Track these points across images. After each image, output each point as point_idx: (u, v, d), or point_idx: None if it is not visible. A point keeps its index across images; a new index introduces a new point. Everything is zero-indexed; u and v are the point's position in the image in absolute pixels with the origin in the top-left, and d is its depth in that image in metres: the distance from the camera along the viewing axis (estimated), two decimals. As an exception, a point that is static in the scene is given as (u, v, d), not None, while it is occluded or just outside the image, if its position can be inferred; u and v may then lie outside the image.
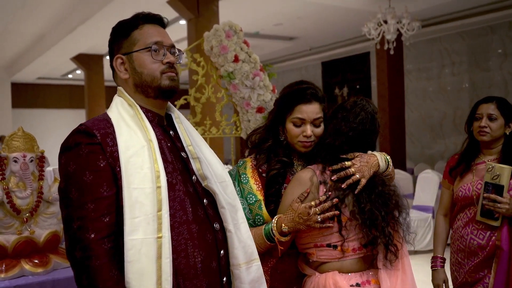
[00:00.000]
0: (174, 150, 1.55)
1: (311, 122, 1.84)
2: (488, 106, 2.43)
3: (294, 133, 1.86)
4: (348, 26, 9.88)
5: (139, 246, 1.32)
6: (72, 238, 1.33)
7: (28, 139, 2.65)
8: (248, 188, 1.88)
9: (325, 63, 13.45)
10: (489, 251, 2.30)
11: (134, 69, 1.50)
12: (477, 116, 2.46)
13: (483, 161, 2.44)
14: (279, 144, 1.92)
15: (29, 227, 2.59)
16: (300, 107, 1.84)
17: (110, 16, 8.03)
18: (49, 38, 10.41)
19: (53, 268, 2.58)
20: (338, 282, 1.72)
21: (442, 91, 10.68)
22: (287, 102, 1.88)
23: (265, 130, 1.96)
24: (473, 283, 2.36)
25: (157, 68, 1.49)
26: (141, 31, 1.52)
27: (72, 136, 1.41)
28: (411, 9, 7.62)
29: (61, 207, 1.38)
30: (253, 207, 1.85)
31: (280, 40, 11.19)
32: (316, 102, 1.86)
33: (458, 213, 2.49)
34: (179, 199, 1.45)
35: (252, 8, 8.41)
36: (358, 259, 1.77)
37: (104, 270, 1.30)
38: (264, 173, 1.89)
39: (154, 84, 1.49)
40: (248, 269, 1.54)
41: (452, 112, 10.38)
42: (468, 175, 2.44)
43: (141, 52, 1.50)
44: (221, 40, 3.39)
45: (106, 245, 1.32)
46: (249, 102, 3.45)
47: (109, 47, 1.58)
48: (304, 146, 1.87)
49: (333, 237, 1.74)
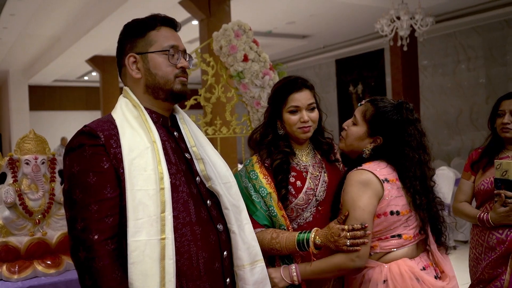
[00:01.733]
0: (178, 151, 1.55)
1: (305, 108, 1.96)
2: (510, 102, 2.42)
3: (292, 121, 1.97)
4: (361, 23, 9.80)
5: (142, 248, 1.33)
6: (76, 239, 1.34)
7: (39, 142, 2.68)
8: (259, 183, 1.96)
9: (339, 61, 13.37)
10: (507, 247, 2.29)
11: (149, 69, 1.51)
12: (499, 112, 2.45)
13: (507, 156, 2.44)
14: (278, 137, 2.03)
15: (41, 228, 2.62)
16: (293, 96, 1.97)
17: (124, 17, 8.07)
18: (64, 40, 10.52)
19: (66, 269, 2.60)
20: (413, 267, 1.79)
21: (458, 87, 10.54)
22: (280, 94, 2.00)
23: (264, 127, 2.06)
24: (490, 280, 2.35)
25: (171, 72, 1.51)
26: (158, 33, 1.53)
27: (76, 138, 1.42)
28: (424, 4, 7.52)
29: (65, 208, 1.40)
30: (266, 200, 1.93)
31: (293, 39, 11.15)
32: (307, 89, 1.99)
33: (479, 208, 2.48)
34: (182, 200, 1.45)
35: (264, 6, 8.39)
36: (415, 245, 1.87)
37: (107, 271, 1.31)
38: (270, 166, 1.99)
39: (166, 87, 1.51)
40: (252, 270, 1.54)
41: (468, 108, 10.25)
42: (491, 169, 2.43)
43: (157, 53, 1.51)
44: (230, 40, 3.39)
45: (110, 246, 1.33)
46: (259, 101, 3.45)
47: (120, 43, 1.56)
48: (303, 131, 1.97)
49: (398, 229, 1.83)
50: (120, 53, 1.56)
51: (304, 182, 1.98)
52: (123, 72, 1.58)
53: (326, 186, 2.01)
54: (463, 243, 6.30)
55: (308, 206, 1.96)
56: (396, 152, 1.86)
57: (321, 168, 2.05)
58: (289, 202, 1.94)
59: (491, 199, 2.39)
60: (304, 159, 2.04)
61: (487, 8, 8.95)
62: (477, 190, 2.49)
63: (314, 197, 1.97)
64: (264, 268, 1.60)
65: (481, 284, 2.39)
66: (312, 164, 2.04)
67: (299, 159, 2.03)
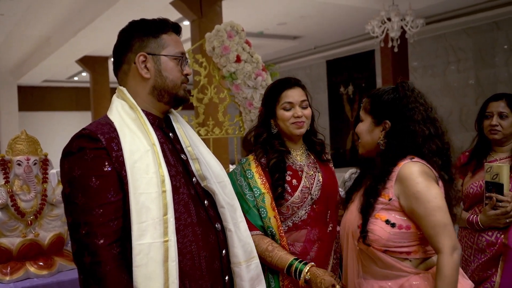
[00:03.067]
0: (174, 152, 1.55)
1: (298, 105, 2.03)
2: (498, 104, 2.41)
3: (285, 117, 2.02)
4: (352, 24, 9.85)
5: (147, 251, 1.33)
6: (79, 244, 1.33)
7: (31, 142, 2.66)
8: (254, 182, 2.00)
9: (329, 62, 13.41)
10: (497, 250, 2.30)
11: (160, 71, 1.52)
12: (487, 114, 2.44)
13: (495, 159, 2.43)
14: (272, 136, 2.08)
15: (33, 229, 2.60)
16: (286, 93, 2.04)
17: (114, 18, 8.05)
18: (54, 40, 10.45)
19: (58, 270, 2.59)
20: (461, 270, 1.69)
21: (448, 88, 10.62)
22: (273, 92, 2.08)
23: (258, 127, 2.11)
24: (480, 282, 2.36)
25: (179, 77, 1.54)
26: (170, 37, 1.55)
27: (75, 141, 1.40)
28: (415, 6, 7.57)
29: (66, 212, 1.38)
30: (258, 200, 1.97)
31: (284, 40, 11.17)
32: (299, 87, 2.07)
33: (467, 211, 2.48)
34: (183, 202, 1.46)
35: (255, 8, 8.40)
36: None
37: (113, 275, 1.30)
38: (266, 165, 2.03)
39: (173, 91, 1.53)
40: (248, 267, 1.57)
41: (458, 109, 10.32)
42: (480, 172, 2.43)
43: (169, 58, 1.53)
44: (223, 41, 3.39)
45: (115, 250, 1.33)
46: (252, 102, 3.46)
47: (125, 40, 1.54)
48: (297, 126, 2.02)
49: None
50: (124, 49, 1.54)
51: (300, 181, 2.01)
52: (123, 70, 1.56)
53: (321, 185, 2.04)
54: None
55: (304, 204, 1.99)
56: (405, 131, 1.75)
57: (315, 168, 2.08)
58: (285, 200, 1.98)
59: (480, 202, 2.40)
60: (298, 158, 2.08)
61: (477, 10, 9.03)
62: (466, 193, 2.48)
63: (309, 196, 2.01)
64: (259, 264, 1.62)
65: (470, 285, 2.40)
66: (307, 164, 2.07)
67: (294, 159, 2.07)
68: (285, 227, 1.99)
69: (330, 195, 2.06)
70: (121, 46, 1.56)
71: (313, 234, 2.00)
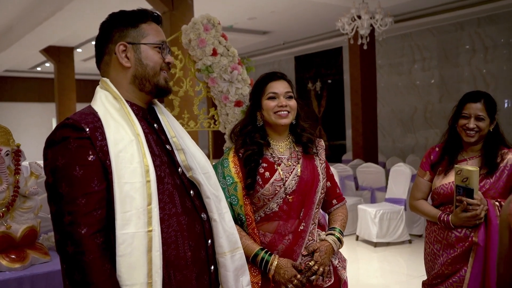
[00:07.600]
0: (159, 143, 1.55)
1: (283, 96, 2.08)
2: (476, 107, 2.39)
3: (270, 106, 2.08)
4: (321, 21, 9.95)
5: (130, 240, 1.33)
6: (63, 233, 1.32)
7: (3, 133, 2.59)
8: (228, 171, 2.07)
9: (298, 58, 13.52)
10: (467, 246, 2.33)
11: (140, 60, 1.52)
12: (464, 114, 2.42)
13: (465, 159, 2.46)
14: (256, 129, 2.13)
15: (5, 222, 2.54)
16: (271, 84, 2.11)
17: (81, 8, 7.89)
18: (17, 30, 10.16)
19: (31, 264, 2.54)
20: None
21: (413, 86, 10.88)
22: (259, 85, 2.14)
23: (245, 119, 2.18)
24: (448, 275, 2.39)
25: (160, 63, 1.54)
26: (149, 26, 1.55)
27: (58, 130, 1.39)
28: (384, 4, 7.72)
29: (50, 202, 1.36)
30: (230, 188, 2.04)
31: (253, 34, 11.20)
32: (284, 80, 2.14)
33: (437, 207, 2.51)
34: (168, 192, 1.46)
35: (226, 1, 8.39)
36: None
37: (97, 264, 1.29)
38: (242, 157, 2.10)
39: (154, 79, 1.53)
40: (233, 257, 1.58)
41: (422, 107, 10.59)
42: (451, 172, 2.43)
43: (149, 46, 1.53)
44: (199, 34, 3.37)
45: (98, 239, 1.32)
46: (227, 96, 3.45)
47: (106, 31, 1.55)
48: (280, 116, 2.07)
49: None
50: (105, 41, 1.54)
51: (273, 174, 2.05)
52: (105, 61, 1.56)
53: (298, 179, 2.06)
54: (418, 237, 6.53)
55: (275, 197, 2.03)
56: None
57: (297, 161, 2.10)
58: (256, 191, 2.03)
59: (450, 203, 2.42)
60: (280, 150, 2.12)
61: (442, 10, 9.27)
62: (437, 192, 2.49)
63: (282, 188, 2.03)
64: (243, 255, 1.64)
65: (438, 279, 2.43)
66: (288, 157, 2.09)
67: (274, 150, 2.11)
68: (257, 217, 2.05)
69: (307, 189, 2.08)
70: (102, 37, 1.56)
71: (284, 228, 2.03)
